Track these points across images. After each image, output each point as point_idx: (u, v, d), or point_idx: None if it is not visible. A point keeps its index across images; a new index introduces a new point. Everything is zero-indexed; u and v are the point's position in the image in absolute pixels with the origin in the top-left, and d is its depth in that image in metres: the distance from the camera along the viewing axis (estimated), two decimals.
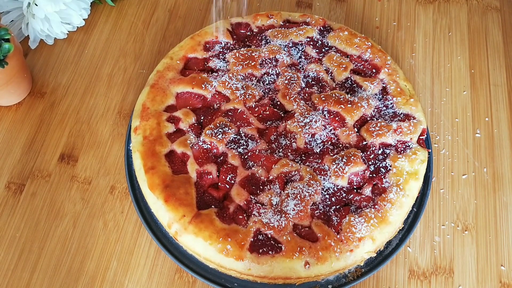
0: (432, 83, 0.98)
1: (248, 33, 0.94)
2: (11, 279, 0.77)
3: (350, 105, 0.82)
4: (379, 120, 0.83)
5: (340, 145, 0.81)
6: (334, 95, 0.84)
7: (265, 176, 0.77)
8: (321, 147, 0.81)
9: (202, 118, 0.84)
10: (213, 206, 0.74)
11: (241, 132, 0.81)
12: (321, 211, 0.75)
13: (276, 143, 0.81)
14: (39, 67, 0.98)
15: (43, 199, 0.84)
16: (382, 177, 0.77)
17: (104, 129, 0.92)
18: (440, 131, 0.93)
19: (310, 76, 0.88)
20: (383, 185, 0.77)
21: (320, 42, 0.92)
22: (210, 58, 0.90)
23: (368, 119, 0.83)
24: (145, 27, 1.04)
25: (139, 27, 1.04)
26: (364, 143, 0.81)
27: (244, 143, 0.80)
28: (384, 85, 0.87)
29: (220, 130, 0.80)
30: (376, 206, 0.74)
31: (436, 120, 0.94)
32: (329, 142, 0.81)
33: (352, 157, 0.77)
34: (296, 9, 1.08)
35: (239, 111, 0.83)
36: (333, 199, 0.76)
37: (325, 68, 0.89)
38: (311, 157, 0.79)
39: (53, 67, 0.98)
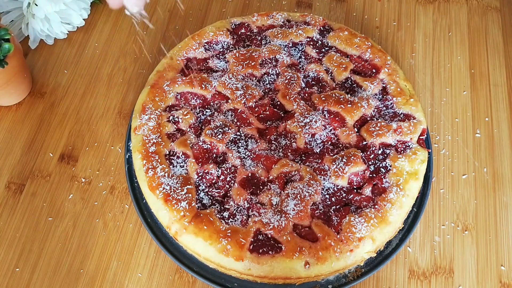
0: (432, 83, 0.98)
1: (248, 33, 0.94)
2: (11, 279, 0.77)
3: (350, 105, 0.82)
4: (379, 120, 0.83)
5: (340, 145, 0.81)
6: (334, 95, 0.84)
7: (265, 176, 0.77)
8: (321, 147, 0.81)
9: (202, 118, 0.84)
10: (213, 206, 0.74)
11: (241, 132, 0.81)
12: (321, 211, 0.74)
13: (276, 143, 0.81)
14: (39, 67, 0.98)
15: (43, 199, 0.84)
16: (382, 177, 0.77)
17: (104, 129, 0.91)
18: (440, 131, 0.93)
19: (310, 76, 0.88)
20: (383, 185, 0.77)
21: (320, 42, 0.92)
22: (210, 58, 0.90)
23: (368, 119, 0.83)
24: (145, 27, 1.04)
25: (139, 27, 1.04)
26: (364, 143, 0.80)
27: (244, 143, 0.80)
28: (384, 85, 0.87)
29: (220, 130, 0.80)
30: (376, 206, 0.74)
31: (436, 120, 0.94)
32: (329, 142, 0.81)
33: (352, 157, 0.77)
34: (296, 9, 1.08)
35: (239, 111, 0.83)
36: (333, 199, 0.76)
37: (325, 68, 0.89)
38: (311, 157, 0.79)
39: (53, 67, 0.98)
